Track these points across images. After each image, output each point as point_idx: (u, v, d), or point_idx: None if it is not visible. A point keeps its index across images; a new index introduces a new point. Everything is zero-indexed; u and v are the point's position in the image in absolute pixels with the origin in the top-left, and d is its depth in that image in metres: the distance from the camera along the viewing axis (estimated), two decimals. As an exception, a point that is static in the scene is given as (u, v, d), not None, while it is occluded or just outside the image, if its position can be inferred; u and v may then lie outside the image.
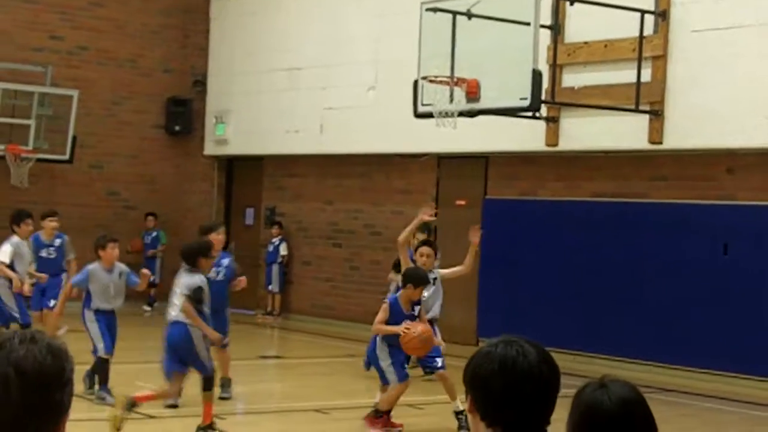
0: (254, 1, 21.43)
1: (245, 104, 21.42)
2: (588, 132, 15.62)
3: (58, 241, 14.71)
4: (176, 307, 10.28)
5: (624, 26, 14.71)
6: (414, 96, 14.96)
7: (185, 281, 10.33)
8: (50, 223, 14.72)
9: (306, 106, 20.00)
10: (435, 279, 12.01)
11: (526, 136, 16.08)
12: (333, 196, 20.52)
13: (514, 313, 17.16)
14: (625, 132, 15.14)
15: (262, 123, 20.96)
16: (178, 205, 22.56)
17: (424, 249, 11.92)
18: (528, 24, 13.61)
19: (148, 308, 20.68)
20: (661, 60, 14.74)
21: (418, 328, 10.55)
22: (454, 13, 14.49)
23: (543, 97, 14.35)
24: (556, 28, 15.01)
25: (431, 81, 14.57)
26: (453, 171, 18.72)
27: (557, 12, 15.05)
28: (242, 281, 12.27)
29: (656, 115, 14.74)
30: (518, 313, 17.10)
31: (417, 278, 10.85)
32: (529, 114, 14.50)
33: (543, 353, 3.27)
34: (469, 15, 14.28)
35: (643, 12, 14.52)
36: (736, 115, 14.02)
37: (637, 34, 14.53)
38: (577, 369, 13.08)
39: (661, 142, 14.81)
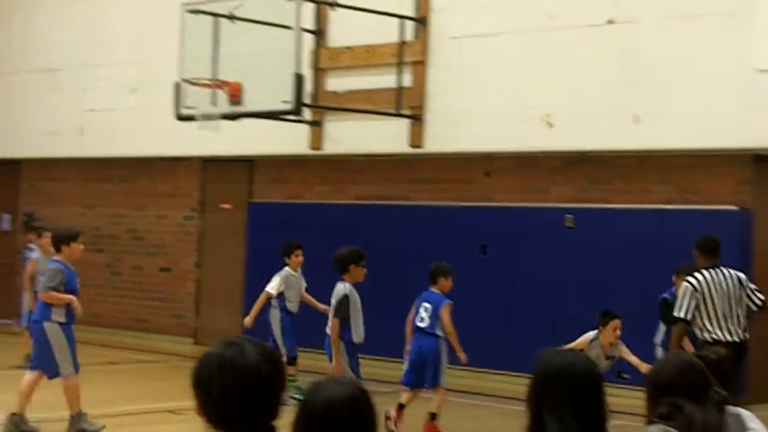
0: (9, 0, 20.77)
1: (1, 106, 20.73)
2: (351, 136, 15.80)
3: None
4: None
5: (385, 32, 14.95)
6: (176, 98, 14.82)
7: None
8: None
9: (66, 108, 19.50)
10: None
11: (290, 139, 16.14)
12: (94, 200, 20.08)
13: (279, 316, 17.17)
14: (387, 136, 15.39)
15: (18, 125, 20.31)
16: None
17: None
18: (290, 28, 13.68)
19: None
20: (421, 65, 15.05)
21: None
22: (216, 16, 14.43)
23: (306, 101, 14.45)
24: (319, 32, 15.14)
25: (193, 83, 14.49)
26: (218, 174, 18.61)
27: (319, 17, 15.17)
28: None
29: (417, 119, 15.04)
30: (284, 316, 17.12)
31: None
32: (293, 118, 14.56)
33: (265, 353, 3.33)
34: (231, 18, 14.25)
35: (403, 18, 14.79)
36: (492, 120, 14.44)
37: (398, 39, 14.79)
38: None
39: (421, 146, 15.12)
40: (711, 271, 10.51)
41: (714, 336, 10.33)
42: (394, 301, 13.90)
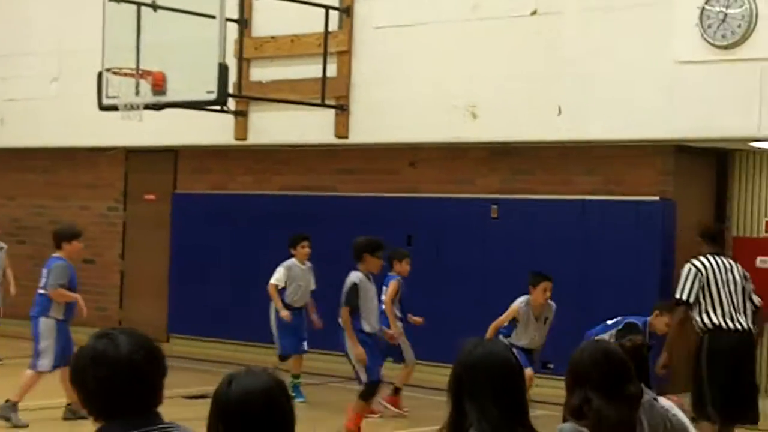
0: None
1: None
2: (276, 126, 15.73)
3: None
4: None
5: (310, 21, 14.88)
6: (98, 88, 14.67)
7: None
8: None
9: (-15, 98, 19.22)
10: None
11: (215, 129, 16.04)
12: (15, 191, 19.83)
13: (204, 308, 17.12)
14: (312, 126, 15.35)
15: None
16: None
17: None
18: (214, 17, 13.59)
19: None
20: (345, 56, 15.02)
21: None
22: (139, 4, 14.31)
23: (230, 91, 14.37)
24: (243, 21, 15.05)
25: (116, 73, 14.35)
26: (141, 165, 18.46)
27: (243, 6, 15.09)
28: None
29: (342, 110, 15.01)
30: (209, 307, 17.07)
31: None
32: (217, 108, 14.48)
33: (139, 342, 3.34)
34: (155, 7, 14.14)
35: (327, 8, 14.75)
36: (417, 111, 14.45)
37: (322, 29, 14.76)
38: (267, 361, 13.21)
39: (347, 137, 15.10)
40: (716, 257, 10.39)
41: (716, 322, 10.17)
42: (320, 290, 13.89)
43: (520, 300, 11.83)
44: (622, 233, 13.97)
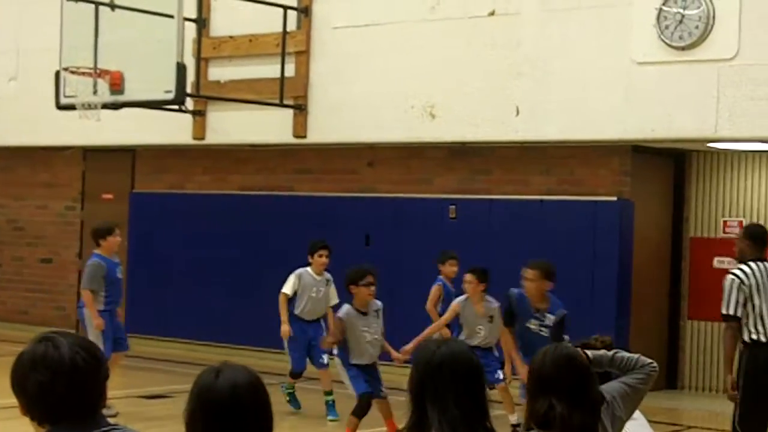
0: None
1: None
2: (234, 126, 15.71)
3: None
4: None
5: (268, 21, 14.88)
6: (56, 87, 14.61)
7: None
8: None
9: (-58, 96, 19.06)
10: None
11: (173, 129, 16.00)
12: (-28, 190, 19.71)
13: (162, 308, 17.06)
14: (270, 126, 15.33)
15: None
16: None
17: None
18: (172, 17, 13.56)
19: None
20: (303, 55, 15.01)
21: None
22: (97, 4, 14.26)
23: (189, 91, 14.35)
24: (201, 21, 15.00)
25: (73, 72, 14.29)
26: (99, 164, 18.37)
27: (201, 5, 15.05)
28: None
29: (300, 109, 15.01)
30: (166, 307, 17.01)
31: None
32: (175, 107, 14.43)
33: (80, 344, 3.26)
34: (112, 6, 14.11)
35: (286, 8, 14.74)
36: (375, 111, 14.46)
37: (280, 29, 14.74)
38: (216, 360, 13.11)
39: (305, 136, 15.09)
40: (759, 263, 9.24)
41: (754, 336, 9.18)
42: (276, 291, 13.86)
43: (458, 299, 11.83)
44: (580, 233, 14.02)
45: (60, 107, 14.70)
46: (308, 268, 12.48)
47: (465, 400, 3.88)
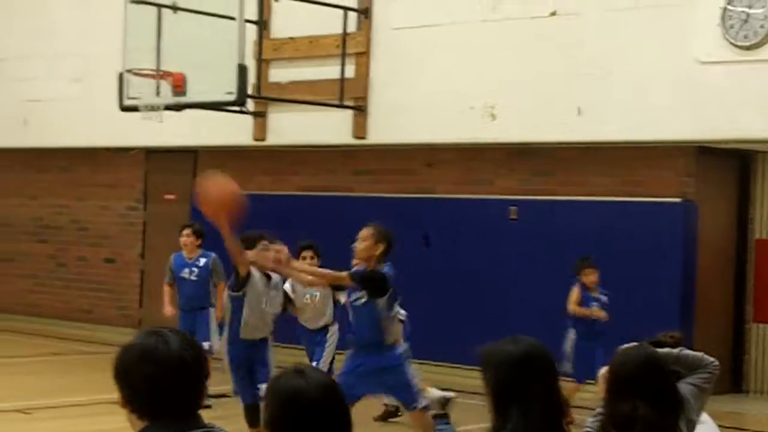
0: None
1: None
2: (295, 127, 15.75)
3: None
4: None
5: (328, 23, 14.89)
6: (119, 89, 14.77)
7: None
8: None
9: (8, 98, 19.29)
10: None
11: (234, 130, 16.07)
12: (37, 190, 19.92)
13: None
14: (330, 127, 15.34)
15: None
16: None
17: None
18: (233, 19, 13.63)
19: None
20: (363, 57, 15.01)
21: None
22: (159, 6, 14.37)
23: (249, 92, 14.41)
24: (262, 23, 15.07)
25: (136, 74, 14.43)
26: (161, 165, 18.51)
27: (262, 7, 15.10)
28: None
29: (360, 110, 15.00)
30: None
31: None
32: (236, 108, 14.51)
33: (187, 341, 3.25)
34: (174, 8, 14.20)
35: (346, 9, 14.75)
36: (435, 112, 14.42)
37: (340, 31, 14.75)
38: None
39: (364, 137, 15.08)
40: None
41: None
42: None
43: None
44: (643, 235, 13.86)
45: (123, 109, 14.84)
46: None
47: (546, 396, 3.79)
